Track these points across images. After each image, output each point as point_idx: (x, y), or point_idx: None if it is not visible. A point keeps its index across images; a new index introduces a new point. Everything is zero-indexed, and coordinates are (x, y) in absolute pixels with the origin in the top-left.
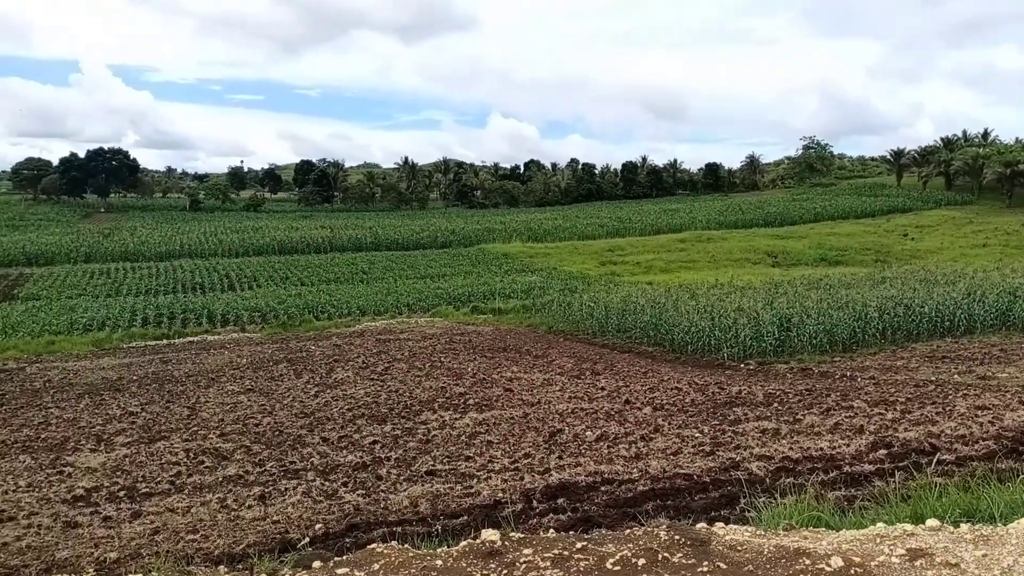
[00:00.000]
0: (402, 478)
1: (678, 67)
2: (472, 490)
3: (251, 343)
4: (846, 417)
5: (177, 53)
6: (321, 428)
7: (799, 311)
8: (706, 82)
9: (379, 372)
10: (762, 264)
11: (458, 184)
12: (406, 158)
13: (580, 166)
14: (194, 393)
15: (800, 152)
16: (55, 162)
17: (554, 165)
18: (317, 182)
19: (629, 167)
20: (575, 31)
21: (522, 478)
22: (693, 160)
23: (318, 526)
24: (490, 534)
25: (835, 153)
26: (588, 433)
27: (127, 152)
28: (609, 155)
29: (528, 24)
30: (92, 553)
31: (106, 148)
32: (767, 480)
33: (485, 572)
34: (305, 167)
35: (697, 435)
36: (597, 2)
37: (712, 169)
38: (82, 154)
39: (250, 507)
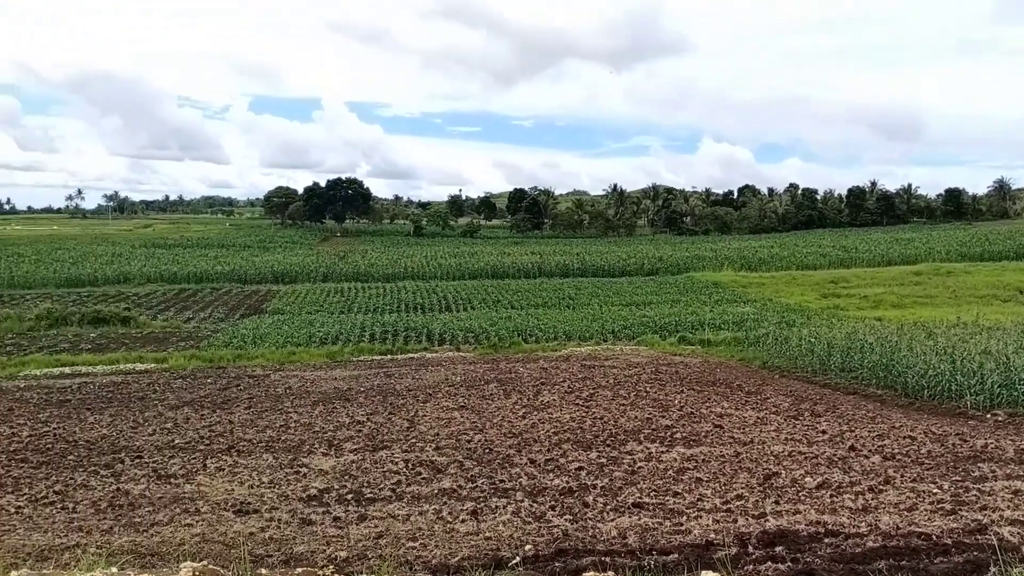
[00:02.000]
0: (608, 507)
1: (911, 83)
2: (682, 527)
3: (465, 362)
4: None
5: (404, 89)
6: (528, 449)
7: None
8: (945, 99)
9: (584, 398)
10: (1013, 302)
11: (667, 210)
12: (614, 185)
13: (800, 191)
14: (413, 407)
15: None
16: (300, 191)
17: (771, 190)
18: (528, 209)
19: (855, 192)
20: (792, 48)
21: (735, 520)
22: (930, 185)
23: (528, 547)
24: None
25: None
26: (808, 479)
27: (361, 182)
28: (831, 179)
29: (742, 44)
30: (325, 550)
31: (343, 178)
32: (1023, 548)
33: None
34: (517, 195)
35: (935, 491)
36: (816, 17)
37: (953, 195)
38: (323, 183)
39: (463, 521)
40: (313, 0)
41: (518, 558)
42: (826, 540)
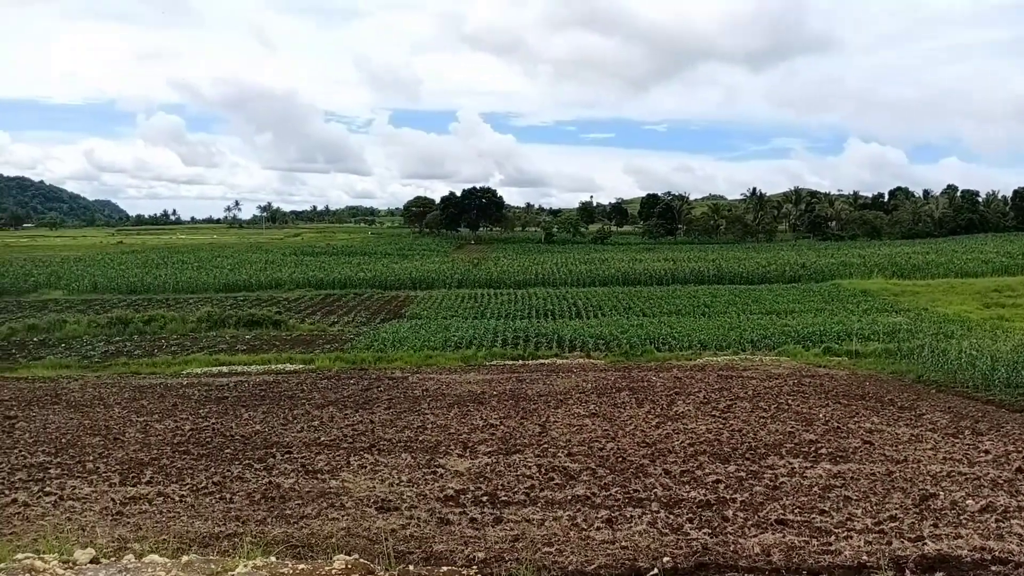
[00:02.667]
0: (750, 523)
1: None
2: (831, 548)
3: (595, 369)
4: None
5: (538, 98)
6: (663, 460)
7: None
8: None
9: (721, 409)
10: None
11: (810, 215)
12: (754, 189)
13: (959, 193)
14: (544, 412)
15: None
16: (436, 200)
17: (925, 192)
18: (661, 215)
19: (1022, 194)
20: (948, 43)
21: (889, 542)
22: None
23: (666, 559)
24: None
25: None
26: (969, 501)
27: (494, 191)
28: (994, 180)
29: (892, 39)
30: (463, 551)
31: (477, 187)
32: None
33: None
34: (650, 200)
35: None
36: (974, 9)
37: None
38: (458, 193)
39: (599, 529)
40: (449, 15)
41: (656, 569)
42: (992, 568)
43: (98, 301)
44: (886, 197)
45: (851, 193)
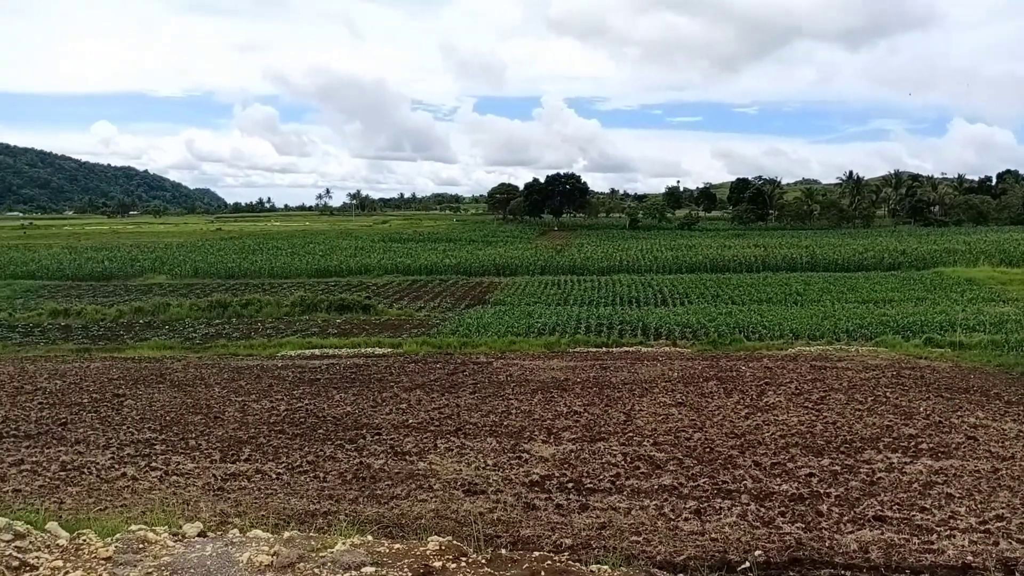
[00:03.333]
0: (845, 519)
1: None
2: (933, 547)
3: (682, 358)
4: None
5: (623, 82)
6: (752, 452)
7: None
8: None
9: (814, 401)
10: None
11: (911, 199)
12: (850, 172)
13: None
14: (629, 400)
15: None
16: (520, 187)
17: None
18: (752, 200)
19: None
20: None
21: (996, 543)
22: None
23: (758, 552)
24: None
25: None
26: None
27: (578, 176)
28: None
29: (999, 13)
30: (550, 536)
31: (561, 173)
32: None
33: None
34: (740, 185)
35: None
36: None
37: None
38: (542, 179)
39: (687, 520)
40: (532, 2)
41: (748, 563)
42: None
43: (199, 285)
44: (993, 180)
45: (955, 176)
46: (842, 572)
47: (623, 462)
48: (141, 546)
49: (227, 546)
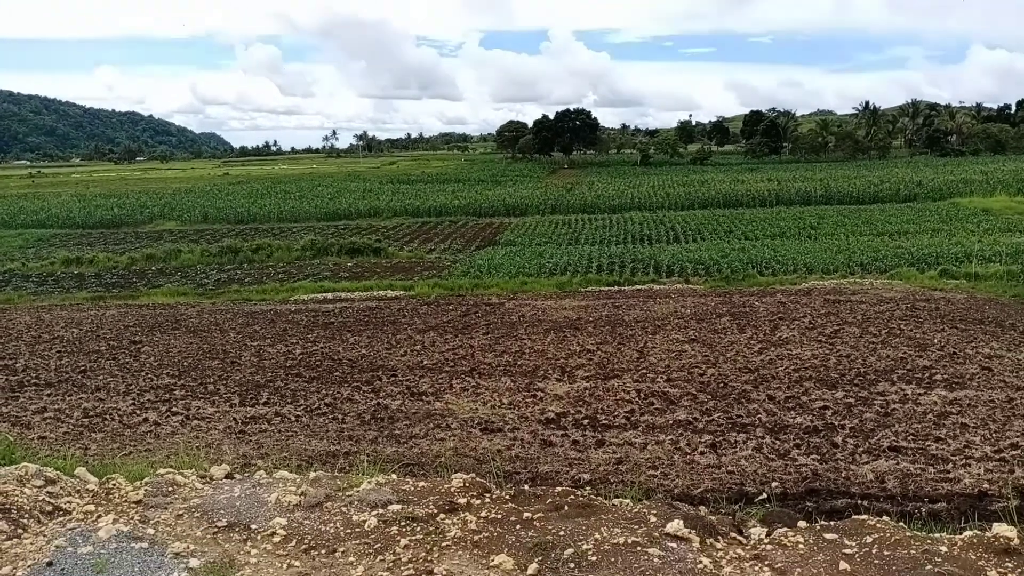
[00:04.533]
0: (860, 450)
1: None
2: (948, 475)
3: (695, 295)
4: None
5: (635, 12)
6: (766, 386)
7: None
8: None
9: (827, 335)
10: None
11: (928, 129)
12: (866, 102)
13: None
14: (642, 338)
15: None
16: (529, 124)
17: None
18: (765, 133)
19: None
20: None
21: (1012, 471)
22: None
23: (774, 484)
24: (1004, 529)
25: None
26: None
27: (588, 112)
28: None
29: None
30: (568, 472)
31: (571, 109)
32: None
33: (1001, 571)
34: (754, 118)
35: None
36: None
37: None
38: (551, 116)
39: (702, 453)
40: None
41: (765, 494)
42: None
43: (208, 231)
44: (1013, 108)
45: (974, 105)
46: (859, 502)
47: (637, 398)
48: (170, 489)
49: (255, 487)
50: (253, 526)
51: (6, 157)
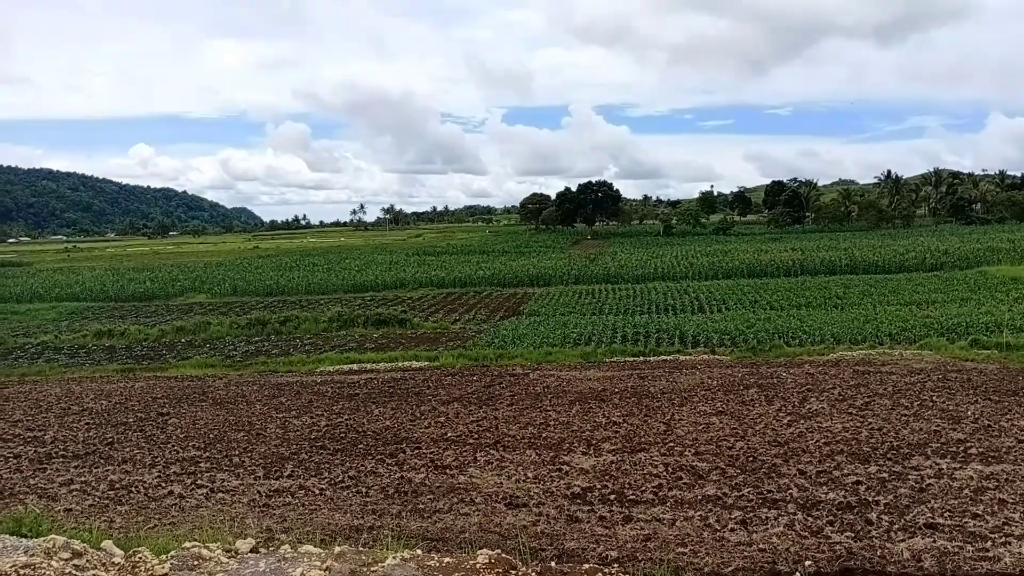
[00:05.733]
0: (896, 527)
1: None
2: (988, 554)
3: (721, 365)
4: None
5: (651, 87)
6: (797, 460)
7: None
8: None
9: (858, 407)
10: None
11: (952, 197)
12: (888, 172)
13: None
14: (668, 410)
15: None
16: (552, 196)
17: None
18: (787, 203)
19: None
20: None
21: None
22: None
23: (808, 563)
24: None
25: None
26: None
27: (610, 184)
28: None
29: None
30: (595, 548)
31: (592, 182)
32: None
33: None
34: (775, 188)
35: None
36: None
37: None
38: (573, 188)
39: (732, 530)
40: (559, 9)
41: (798, 574)
42: None
43: (238, 303)
44: None
45: (997, 172)
46: None
47: (665, 472)
48: (196, 563)
49: (280, 561)
50: None
51: (44, 232)
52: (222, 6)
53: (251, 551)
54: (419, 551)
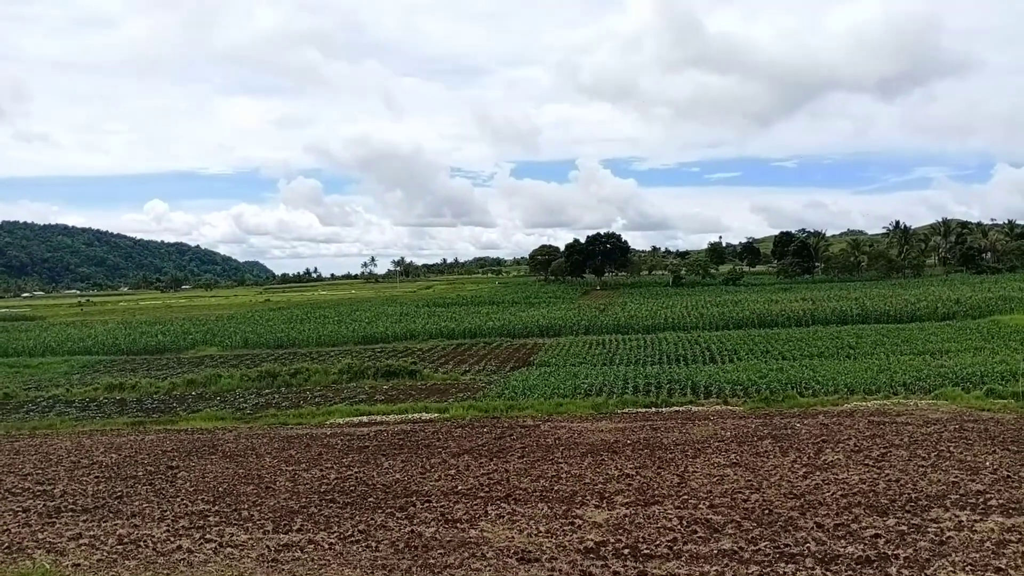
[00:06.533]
0: None
1: None
2: None
3: (734, 416)
4: None
5: (658, 142)
6: (813, 512)
7: None
8: None
9: (874, 458)
10: None
11: (962, 247)
12: (897, 222)
13: None
14: (682, 462)
15: None
16: (561, 247)
17: None
18: (797, 253)
19: None
20: None
21: None
22: None
23: None
24: None
25: None
26: None
27: (619, 235)
28: None
29: None
30: None
31: (601, 233)
32: None
33: None
34: (784, 239)
35: None
36: None
37: None
38: (582, 239)
39: None
40: (566, 67)
41: None
42: None
43: (249, 356)
44: None
45: (1006, 222)
46: None
47: (679, 526)
48: None
49: None
50: None
51: (58, 287)
52: (238, 66)
53: None
54: None
